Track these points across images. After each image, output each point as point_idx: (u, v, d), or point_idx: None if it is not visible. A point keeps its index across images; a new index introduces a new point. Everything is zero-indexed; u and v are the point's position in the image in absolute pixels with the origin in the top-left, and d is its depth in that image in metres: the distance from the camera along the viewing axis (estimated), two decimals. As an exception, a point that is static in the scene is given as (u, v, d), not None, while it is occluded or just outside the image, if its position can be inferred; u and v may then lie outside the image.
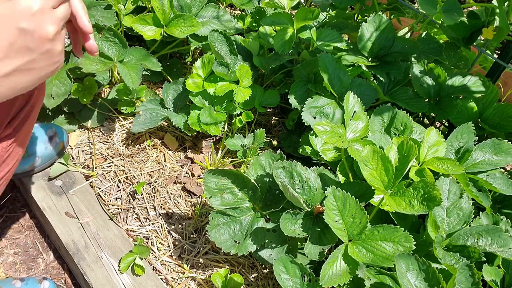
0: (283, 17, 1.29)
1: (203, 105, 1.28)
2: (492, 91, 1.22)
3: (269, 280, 1.10)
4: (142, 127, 1.27)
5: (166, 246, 1.14)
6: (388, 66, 1.29)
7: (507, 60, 1.21)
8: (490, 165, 1.05)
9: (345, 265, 0.85)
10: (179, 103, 1.33)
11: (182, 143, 1.36)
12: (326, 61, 1.20)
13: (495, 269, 0.88)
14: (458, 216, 0.93)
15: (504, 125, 1.19)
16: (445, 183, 0.95)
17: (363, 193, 0.96)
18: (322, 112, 1.18)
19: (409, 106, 1.22)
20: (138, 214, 1.18)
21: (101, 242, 1.09)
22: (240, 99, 1.24)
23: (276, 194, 1.03)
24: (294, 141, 1.37)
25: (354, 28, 1.41)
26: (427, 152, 0.99)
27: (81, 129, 1.35)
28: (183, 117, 1.29)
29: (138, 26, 1.29)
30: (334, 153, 1.08)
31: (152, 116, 1.30)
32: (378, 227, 0.85)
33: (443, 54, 1.32)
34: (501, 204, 1.10)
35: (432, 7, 1.17)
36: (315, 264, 1.01)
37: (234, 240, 1.00)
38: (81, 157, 1.28)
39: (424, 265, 0.78)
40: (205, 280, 1.08)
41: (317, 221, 0.95)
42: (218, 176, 1.02)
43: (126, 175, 1.26)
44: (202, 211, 1.20)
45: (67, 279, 1.10)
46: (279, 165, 0.96)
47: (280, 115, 1.54)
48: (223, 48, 1.33)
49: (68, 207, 1.15)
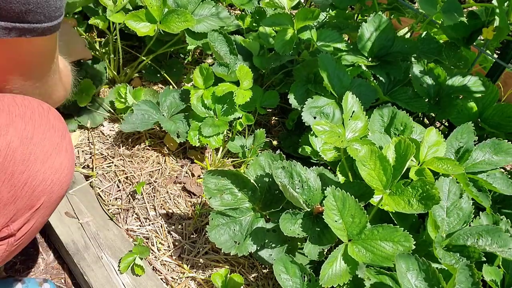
0: (283, 18, 1.29)
1: (204, 114, 1.28)
2: (492, 91, 1.22)
3: (269, 280, 1.10)
4: (132, 127, 1.27)
5: (166, 246, 1.14)
6: (388, 66, 1.29)
7: (507, 60, 1.21)
8: (490, 165, 1.05)
9: (345, 265, 0.85)
10: (174, 109, 1.33)
11: (182, 143, 1.36)
12: (326, 61, 1.20)
13: (495, 269, 0.88)
14: (458, 216, 0.93)
15: (504, 125, 1.19)
16: (445, 183, 0.95)
17: (363, 193, 0.95)
18: (322, 112, 1.18)
19: (409, 106, 1.22)
20: (138, 214, 1.18)
21: (101, 242, 1.09)
22: (240, 101, 1.24)
23: (276, 194, 1.03)
24: (294, 141, 1.37)
25: (354, 28, 1.41)
26: (427, 152, 0.99)
27: (81, 129, 1.35)
28: (174, 123, 1.29)
29: (131, 23, 1.25)
30: (334, 153, 1.08)
31: (144, 118, 1.29)
32: (377, 227, 0.85)
33: (443, 54, 1.32)
34: (501, 204, 1.10)
35: (432, 7, 1.17)
36: (315, 264, 1.01)
37: (234, 241, 1.00)
38: (81, 157, 1.28)
39: (424, 265, 0.78)
40: (205, 280, 1.08)
41: (316, 221, 0.95)
42: (217, 177, 1.02)
43: (126, 175, 1.26)
44: (202, 211, 1.20)
45: (67, 279, 1.10)
46: (278, 165, 0.96)
47: (280, 115, 1.54)
48: (223, 48, 1.33)
49: (68, 207, 1.15)
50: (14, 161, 0.66)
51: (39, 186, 0.69)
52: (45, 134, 0.70)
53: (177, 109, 1.33)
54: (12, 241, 0.72)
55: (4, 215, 0.68)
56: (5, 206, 0.67)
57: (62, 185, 0.73)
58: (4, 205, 0.67)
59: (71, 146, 0.75)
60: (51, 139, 0.71)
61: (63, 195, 0.77)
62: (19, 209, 0.69)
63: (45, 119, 0.71)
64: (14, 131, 0.66)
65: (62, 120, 0.76)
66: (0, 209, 0.67)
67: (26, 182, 0.68)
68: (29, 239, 0.79)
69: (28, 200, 0.69)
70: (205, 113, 1.28)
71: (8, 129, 0.65)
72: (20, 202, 0.69)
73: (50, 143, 0.70)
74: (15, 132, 0.66)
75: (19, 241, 0.74)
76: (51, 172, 0.71)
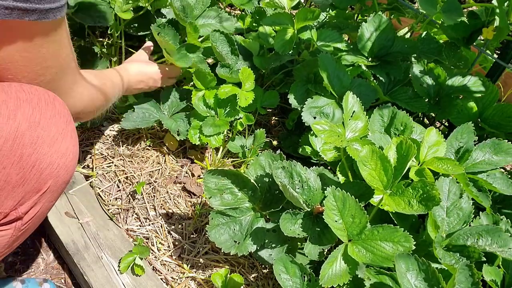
0: (283, 18, 1.29)
1: (206, 113, 1.28)
2: (492, 91, 1.22)
3: (269, 280, 1.10)
4: (132, 125, 1.27)
5: (166, 246, 1.14)
6: (388, 66, 1.29)
7: (507, 60, 1.21)
8: (490, 165, 1.05)
9: (345, 265, 0.85)
10: (175, 108, 1.33)
11: (182, 143, 1.36)
12: (326, 61, 1.20)
13: (495, 269, 0.88)
14: (458, 216, 0.93)
15: (504, 125, 1.19)
16: (445, 183, 0.95)
17: (363, 193, 0.95)
18: (322, 112, 1.18)
19: (409, 106, 1.22)
20: (138, 214, 1.18)
21: (101, 242, 1.09)
22: (243, 103, 1.24)
23: (276, 194, 1.03)
24: (294, 141, 1.37)
25: (354, 28, 1.41)
26: (427, 152, 0.99)
27: (81, 129, 1.35)
28: (175, 122, 1.29)
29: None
30: (334, 153, 1.08)
31: (144, 116, 1.30)
32: (378, 227, 0.85)
33: (443, 54, 1.32)
34: (501, 204, 1.10)
35: (432, 7, 1.17)
36: (315, 264, 1.01)
37: (234, 240, 1.00)
38: (81, 157, 1.28)
39: (424, 265, 0.78)
40: (205, 280, 1.08)
41: (317, 221, 0.95)
42: (217, 176, 1.02)
43: (126, 175, 1.26)
44: (202, 211, 1.20)
45: (67, 279, 1.10)
46: (278, 165, 0.96)
47: (280, 115, 1.54)
48: (224, 48, 1.33)
49: (68, 207, 1.15)
50: (23, 144, 0.68)
51: (46, 169, 0.72)
52: (52, 119, 0.72)
53: (177, 108, 1.33)
54: (19, 225, 0.74)
55: (13, 197, 0.70)
56: (14, 188, 0.69)
57: (67, 169, 0.75)
58: (12, 187, 0.69)
59: (75, 133, 0.77)
60: (57, 124, 0.72)
61: (68, 180, 0.79)
62: (27, 192, 0.71)
63: (51, 105, 0.73)
64: (22, 116, 0.68)
65: (66, 107, 0.77)
66: (9, 191, 0.69)
67: (34, 165, 0.70)
68: (35, 225, 0.80)
69: (36, 183, 0.71)
70: (206, 112, 1.28)
71: (16, 113, 0.67)
72: (28, 184, 0.70)
73: (56, 128, 0.72)
74: (23, 116, 0.68)
75: (25, 226, 0.76)
76: (57, 156, 0.72)
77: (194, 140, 1.25)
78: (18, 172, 0.68)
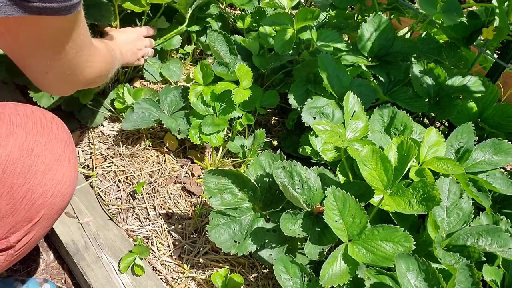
0: (283, 18, 1.29)
1: (204, 112, 1.28)
2: (492, 91, 1.22)
3: (269, 280, 1.10)
4: (133, 125, 1.27)
5: (166, 246, 1.14)
6: (388, 66, 1.29)
7: (507, 60, 1.21)
8: (490, 165, 1.05)
9: (345, 265, 0.85)
10: (175, 107, 1.33)
11: (182, 143, 1.36)
12: (326, 62, 1.20)
13: (495, 269, 0.88)
14: (458, 216, 0.93)
15: (504, 125, 1.19)
16: (445, 183, 0.95)
17: (363, 193, 0.96)
18: (322, 113, 1.18)
19: (409, 106, 1.22)
20: (138, 214, 1.18)
21: (101, 242, 1.09)
22: (239, 100, 1.24)
23: (276, 194, 1.03)
24: (294, 141, 1.37)
25: (354, 28, 1.41)
26: (427, 152, 0.99)
27: (81, 129, 1.35)
28: (175, 121, 1.29)
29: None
30: (334, 153, 1.08)
31: (144, 116, 1.30)
32: (378, 227, 0.85)
33: (443, 54, 1.32)
34: (501, 204, 1.10)
35: (432, 7, 1.17)
36: (315, 264, 1.01)
37: (234, 240, 1.00)
38: (81, 157, 1.28)
39: (424, 265, 0.78)
40: (205, 280, 1.08)
41: (317, 221, 0.95)
42: (218, 176, 1.02)
43: (126, 175, 1.26)
44: (202, 211, 1.20)
45: (67, 279, 1.10)
46: (279, 165, 0.96)
47: (280, 115, 1.54)
48: (222, 48, 1.33)
49: (68, 207, 1.15)
50: (14, 173, 0.65)
51: (39, 199, 0.68)
52: (47, 145, 0.69)
53: (177, 107, 1.33)
54: (11, 252, 0.72)
55: (2, 227, 0.67)
56: (3, 218, 0.66)
57: (63, 197, 0.72)
58: (1, 217, 0.66)
59: (74, 156, 0.74)
60: (53, 150, 0.70)
61: (65, 206, 0.75)
62: (18, 222, 0.68)
63: (48, 130, 0.70)
64: (14, 142, 0.65)
65: (65, 129, 0.75)
66: None
67: (26, 195, 0.67)
68: (30, 249, 0.78)
69: (28, 213, 0.68)
70: (204, 110, 1.28)
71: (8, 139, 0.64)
72: (18, 214, 0.67)
73: (52, 154, 0.69)
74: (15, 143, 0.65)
75: (18, 252, 0.73)
76: (52, 184, 0.69)
77: (195, 139, 1.25)
78: (8, 202, 0.65)
